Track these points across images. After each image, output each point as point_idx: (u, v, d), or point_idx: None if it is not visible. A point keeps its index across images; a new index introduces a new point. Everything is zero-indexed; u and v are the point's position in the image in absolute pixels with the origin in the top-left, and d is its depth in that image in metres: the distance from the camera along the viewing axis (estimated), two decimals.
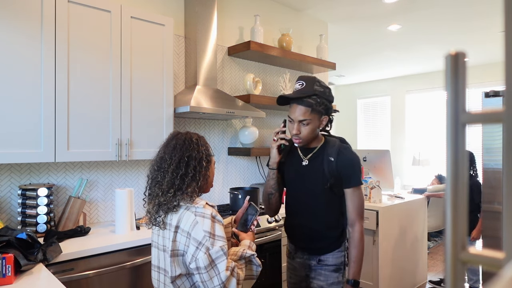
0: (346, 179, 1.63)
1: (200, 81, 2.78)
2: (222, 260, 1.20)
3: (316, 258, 1.72)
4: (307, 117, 1.58)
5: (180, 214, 1.27)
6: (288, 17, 3.74)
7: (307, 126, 1.60)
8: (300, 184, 1.73)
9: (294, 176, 1.76)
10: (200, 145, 1.33)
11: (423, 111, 6.90)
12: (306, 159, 1.71)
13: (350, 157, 1.64)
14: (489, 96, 2.32)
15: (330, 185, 1.63)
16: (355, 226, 1.64)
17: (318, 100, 1.57)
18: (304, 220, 1.73)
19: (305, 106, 1.57)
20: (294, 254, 1.81)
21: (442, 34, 4.55)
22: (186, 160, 1.28)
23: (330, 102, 1.64)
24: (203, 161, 1.32)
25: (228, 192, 2.91)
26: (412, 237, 3.56)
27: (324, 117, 1.64)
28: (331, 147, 1.67)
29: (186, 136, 1.34)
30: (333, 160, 1.63)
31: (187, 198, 1.28)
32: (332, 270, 1.69)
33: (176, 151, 1.30)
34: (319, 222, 1.69)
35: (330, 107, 1.64)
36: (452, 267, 0.29)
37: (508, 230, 0.27)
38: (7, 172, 2.10)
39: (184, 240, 1.23)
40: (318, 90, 1.58)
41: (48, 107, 1.94)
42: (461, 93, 0.28)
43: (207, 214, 1.24)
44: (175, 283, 1.26)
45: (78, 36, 2.06)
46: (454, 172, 0.29)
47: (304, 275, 1.76)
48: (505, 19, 0.26)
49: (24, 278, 1.49)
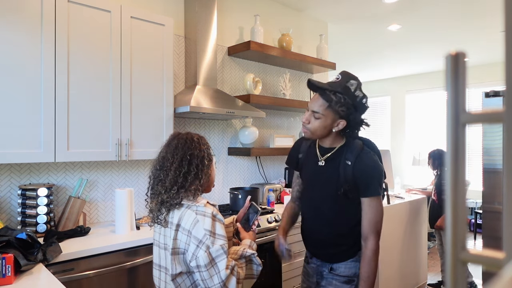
0: (362, 187, 1.49)
1: (200, 81, 2.78)
2: (222, 258, 1.21)
3: (328, 266, 1.62)
4: (320, 111, 1.48)
5: (181, 212, 1.28)
6: (288, 17, 3.74)
7: (317, 120, 1.50)
8: (314, 186, 1.63)
9: (309, 176, 1.66)
10: (202, 144, 1.35)
11: (423, 111, 6.90)
12: (323, 160, 1.58)
13: (369, 163, 1.49)
14: (489, 96, 2.32)
15: (344, 191, 1.50)
16: (368, 241, 1.48)
17: (342, 101, 1.45)
18: (315, 225, 1.64)
19: (324, 99, 1.47)
20: (310, 259, 1.73)
21: (442, 34, 4.55)
22: (188, 159, 1.29)
23: (357, 109, 1.49)
24: (205, 159, 1.33)
25: (228, 192, 2.91)
26: (412, 237, 3.56)
27: (341, 121, 1.49)
28: (351, 150, 1.53)
29: (187, 136, 1.36)
30: (350, 164, 1.49)
31: (190, 196, 1.29)
32: (344, 281, 1.57)
33: (178, 150, 1.31)
34: (329, 228, 1.58)
35: (354, 114, 1.49)
36: (452, 267, 0.29)
37: (508, 230, 0.27)
38: (7, 172, 2.10)
39: (185, 239, 1.24)
40: (347, 91, 1.46)
41: (48, 107, 1.94)
42: (461, 93, 0.28)
43: (208, 212, 1.25)
44: (176, 281, 1.27)
45: (78, 36, 2.06)
46: (454, 172, 0.29)
47: (315, 282, 1.68)
48: (505, 19, 0.26)
49: (24, 278, 1.49)
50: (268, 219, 2.66)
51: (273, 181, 3.53)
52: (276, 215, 2.72)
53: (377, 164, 1.51)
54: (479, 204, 5.65)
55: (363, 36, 4.66)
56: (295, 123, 3.80)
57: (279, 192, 3.25)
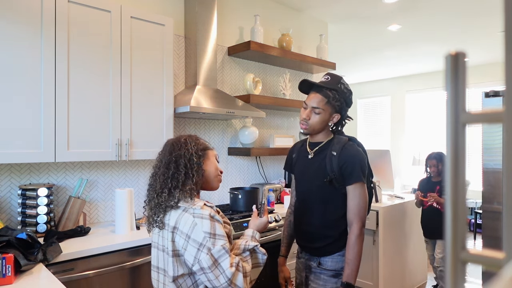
0: (347, 176, 1.60)
1: (200, 81, 2.78)
2: (225, 258, 1.22)
3: (316, 260, 1.70)
4: (321, 106, 1.63)
5: (178, 215, 1.28)
6: (288, 17, 3.74)
7: (317, 115, 1.64)
8: (303, 178, 1.75)
9: (299, 170, 1.78)
10: (189, 143, 1.37)
11: (423, 111, 6.90)
12: (312, 153, 1.72)
13: (352, 152, 1.62)
14: (489, 96, 2.32)
15: (330, 179, 1.61)
16: (352, 226, 1.59)
17: (337, 96, 1.63)
18: (304, 217, 1.74)
19: (323, 96, 1.63)
20: (299, 253, 1.83)
21: (442, 34, 4.55)
22: (174, 160, 1.33)
23: (347, 104, 1.68)
24: (194, 157, 1.35)
25: (228, 192, 2.91)
26: (412, 237, 3.56)
27: (336, 114, 1.67)
28: (337, 142, 1.66)
29: (175, 139, 1.40)
30: (335, 154, 1.62)
31: (187, 197, 1.30)
32: (331, 275, 1.66)
33: (166, 154, 1.36)
34: (316, 220, 1.69)
35: (345, 107, 1.67)
36: (452, 267, 0.29)
37: (508, 230, 0.27)
38: (7, 172, 2.10)
39: (182, 242, 1.25)
40: (340, 88, 1.65)
41: (48, 107, 1.94)
42: (461, 93, 0.28)
43: (205, 214, 1.26)
44: (177, 281, 1.27)
45: (78, 36, 2.06)
46: (454, 172, 0.29)
47: (305, 276, 1.76)
48: (505, 19, 0.26)
49: (24, 278, 1.49)
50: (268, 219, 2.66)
51: (273, 181, 3.53)
52: (276, 215, 2.72)
53: (359, 153, 1.64)
54: (479, 204, 5.65)
55: (363, 36, 4.66)
56: (295, 123, 3.80)
57: (279, 192, 3.25)
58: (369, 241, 3.18)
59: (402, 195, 3.73)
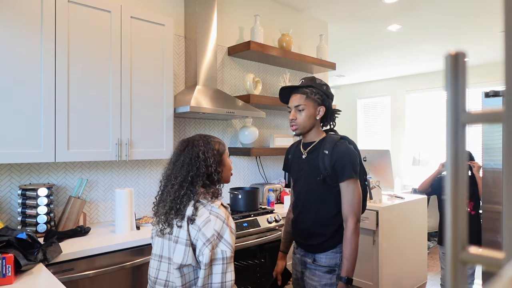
0: (339, 173, 1.64)
1: (200, 81, 2.78)
2: (218, 263, 1.26)
3: (311, 257, 1.75)
4: (302, 103, 1.70)
5: (196, 208, 1.31)
6: (288, 17, 3.74)
7: (302, 112, 1.71)
8: (299, 178, 1.80)
9: (295, 170, 1.83)
10: (212, 143, 1.43)
11: (423, 111, 6.90)
12: (305, 152, 1.77)
13: (343, 149, 1.66)
14: (489, 96, 2.32)
15: (323, 177, 1.66)
16: (347, 222, 1.64)
17: (314, 91, 1.71)
18: (300, 214, 1.79)
19: (300, 94, 1.72)
20: (296, 249, 1.88)
21: (442, 34, 4.55)
22: (200, 158, 1.37)
23: (328, 96, 1.74)
24: (215, 157, 1.40)
25: (228, 192, 2.91)
26: (412, 237, 3.56)
27: (320, 107, 1.72)
28: (329, 141, 1.71)
29: (196, 138, 1.42)
30: (327, 153, 1.66)
31: (209, 192, 1.34)
32: (326, 271, 1.70)
33: (189, 152, 1.39)
34: (312, 217, 1.73)
35: (327, 99, 1.74)
36: (452, 267, 0.29)
37: (508, 230, 0.27)
38: (7, 172, 2.10)
39: (194, 234, 1.28)
40: (315, 83, 1.74)
41: (48, 107, 1.94)
42: (461, 93, 0.28)
43: (221, 215, 1.30)
44: (181, 270, 1.28)
45: (78, 36, 2.06)
46: (454, 172, 0.29)
47: (301, 272, 1.81)
48: (505, 19, 0.26)
49: (24, 278, 1.49)
50: (268, 219, 2.66)
51: (273, 181, 3.53)
52: (276, 215, 2.72)
53: (351, 150, 1.68)
54: None
55: (363, 36, 4.66)
56: None
57: (279, 192, 3.25)
58: (369, 241, 3.18)
59: (402, 195, 3.73)
